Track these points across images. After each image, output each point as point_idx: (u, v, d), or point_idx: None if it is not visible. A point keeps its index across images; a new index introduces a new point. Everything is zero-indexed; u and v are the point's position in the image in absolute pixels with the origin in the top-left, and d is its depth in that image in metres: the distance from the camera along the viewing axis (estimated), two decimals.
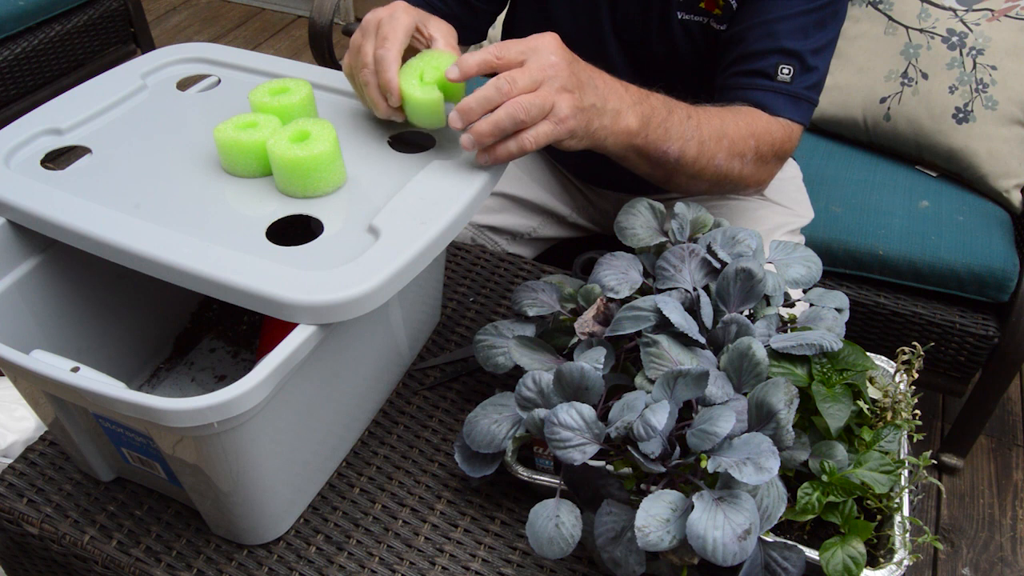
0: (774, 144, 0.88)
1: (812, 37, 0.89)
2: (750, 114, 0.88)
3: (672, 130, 0.79)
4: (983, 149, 1.44)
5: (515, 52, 0.68)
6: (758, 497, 0.59)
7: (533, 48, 0.69)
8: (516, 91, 0.67)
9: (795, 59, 0.88)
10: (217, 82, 0.86)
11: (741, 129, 0.85)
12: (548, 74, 0.68)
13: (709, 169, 0.84)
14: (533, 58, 0.68)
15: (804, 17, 0.88)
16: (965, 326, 1.39)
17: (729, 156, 0.84)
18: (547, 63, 0.68)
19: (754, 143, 0.86)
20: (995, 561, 1.49)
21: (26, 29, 2.13)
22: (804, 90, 0.90)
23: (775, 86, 0.89)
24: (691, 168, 0.82)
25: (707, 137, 0.82)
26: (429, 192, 0.69)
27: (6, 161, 0.72)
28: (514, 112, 0.66)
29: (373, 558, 0.71)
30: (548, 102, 0.68)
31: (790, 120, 0.90)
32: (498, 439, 0.69)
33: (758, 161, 0.88)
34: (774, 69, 0.89)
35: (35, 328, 0.73)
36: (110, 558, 0.71)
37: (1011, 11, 1.43)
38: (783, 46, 0.88)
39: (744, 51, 0.90)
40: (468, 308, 0.95)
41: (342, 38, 1.71)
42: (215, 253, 0.62)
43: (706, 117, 0.83)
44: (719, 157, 0.83)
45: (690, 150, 0.81)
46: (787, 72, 0.88)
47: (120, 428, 0.66)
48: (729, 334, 0.67)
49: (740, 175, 0.87)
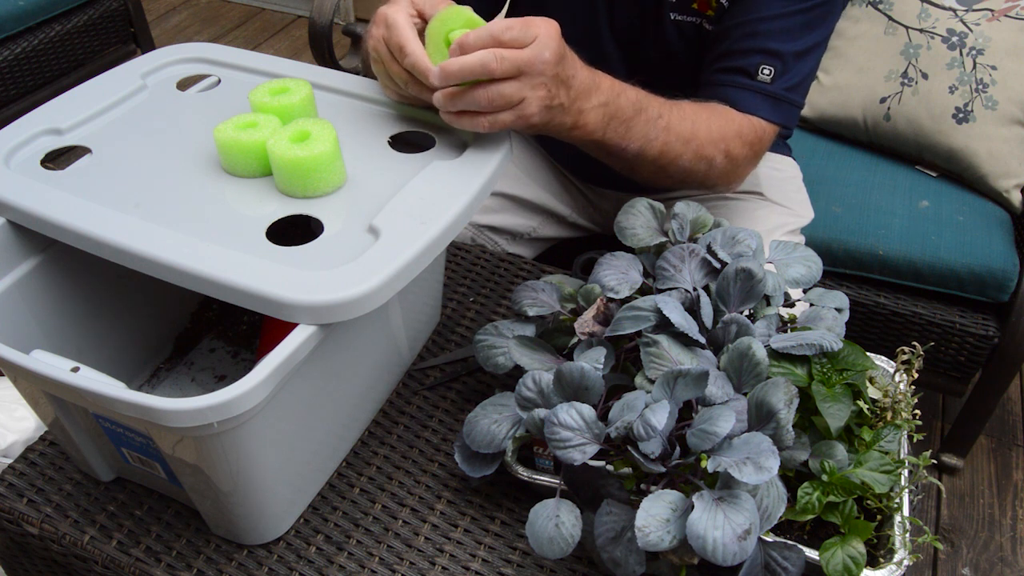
0: (744, 146, 0.89)
1: (798, 39, 0.89)
2: (725, 115, 0.88)
3: (634, 130, 0.81)
4: (983, 149, 1.44)
5: (517, 37, 0.70)
6: (758, 497, 0.59)
7: (535, 37, 0.70)
8: (499, 73, 0.69)
9: (777, 60, 0.89)
10: (217, 82, 0.86)
11: (713, 132, 0.86)
12: (535, 68, 0.70)
13: (672, 167, 0.86)
14: (532, 47, 0.70)
15: (791, 19, 0.88)
16: (965, 326, 1.39)
17: (696, 158, 0.86)
18: (538, 57, 0.70)
19: (724, 146, 0.87)
20: (995, 561, 1.49)
21: (26, 29, 2.13)
22: (784, 91, 0.90)
23: (754, 85, 0.90)
24: (651, 166, 0.85)
25: (674, 139, 0.84)
26: (429, 192, 0.69)
27: (6, 161, 0.72)
28: (484, 98, 0.70)
29: (373, 558, 0.71)
30: (519, 96, 0.70)
31: (766, 120, 0.90)
32: (498, 439, 0.69)
33: (728, 163, 0.89)
34: (755, 68, 0.89)
35: (35, 328, 0.73)
36: (110, 558, 0.71)
37: (1011, 11, 1.43)
38: (766, 46, 0.89)
39: (727, 48, 0.91)
40: (468, 308, 0.95)
41: (342, 38, 1.71)
42: (215, 253, 0.62)
43: (678, 118, 0.84)
44: (684, 158, 0.85)
45: (651, 150, 0.83)
46: (768, 72, 0.89)
47: (120, 428, 0.66)
48: (729, 334, 0.67)
49: (707, 175, 0.89)
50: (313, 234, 0.66)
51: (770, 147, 0.95)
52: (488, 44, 0.69)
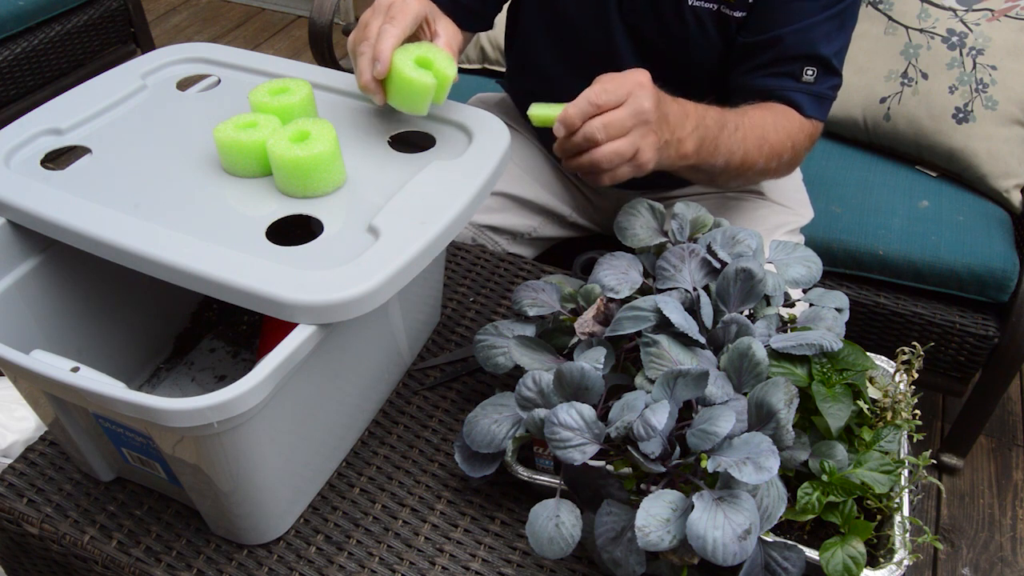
0: (805, 144, 0.95)
1: (835, 40, 0.94)
2: (786, 115, 0.93)
3: (721, 146, 0.84)
4: (983, 149, 1.44)
5: (614, 98, 0.73)
6: (758, 497, 0.59)
7: (629, 92, 0.73)
8: (607, 138, 0.72)
9: (820, 63, 0.93)
10: (217, 82, 0.86)
11: (780, 133, 0.91)
12: (640, 119, 0.73)
13: (751, 172, 0.91)
14: (629, 103, 0.73)
15: (830, 22, 0.92)
16: (965, 326, 1.39)
17: (768, 159, 0.91)
18: (640, 109, 0.73)
19: (791, 145, 0.92)
20: (995, 561, 1.49)
21: (26, 29, 2.13)
22: (827, 90, 0.95)
23: (803, 87, 0.94)
24: (732, 173, 0.89)
25: (751, 147, 0.88)
26: (429, 192, 0.69)
27: (6, 161, 0.72)
28: (599, 160, 0.73)
29: (373, 558, 0.71)
30: (633, 149, 0.73)
31: (815, 119, 0.95)
32: (498, 439, 0.69)
33: (792, 160, 0.94)
34: (800, 71, 0.94)
35: (35, 328, 0.73)
36: (110, 558, 0.71)
37: (1011, 11, 1.43)
38: (810, 52, 0.93)
39: (773, 57, 0.93)
40: (468, 308, 0.95)
41: (342, 38, 1.71)
42: (215, 253, 0.62)
43: (750, 126, 0.89)
44: (759, 162, 0.90)
45: (735, 160, 0.87)
46: (811, 74, 0.93)
47: (120, 428, 0.66)
48: (729, 334, 0.67)
49: (775, 172, 0.95)
50: (313, 234, 0.66)
51: None
52: (589, 112, 0.72)
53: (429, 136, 0.78)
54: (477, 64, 1.80)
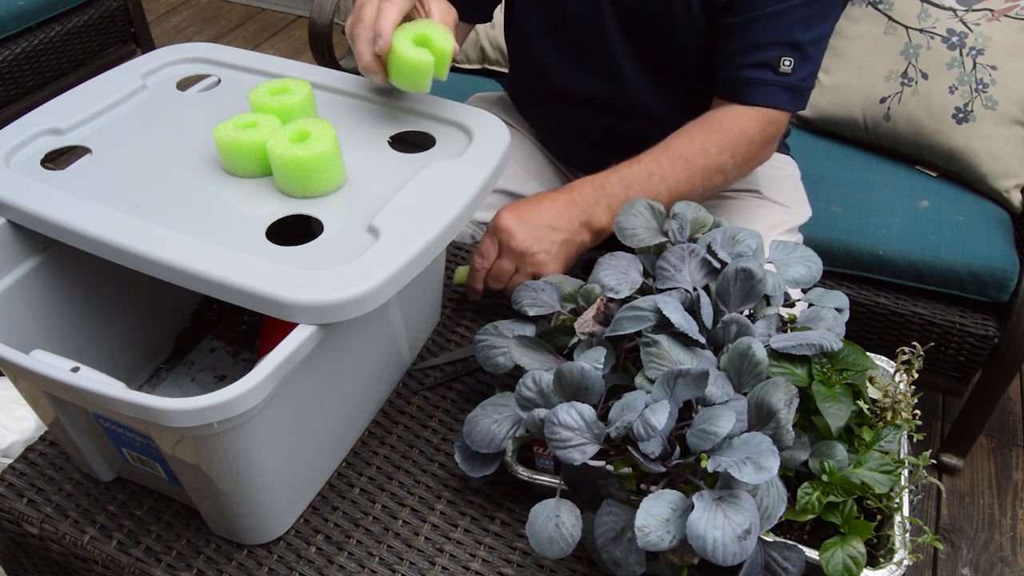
0: (753, 142, 0.94)
1: (814, 28, 0.93)
2: (719, 126, 0.93)
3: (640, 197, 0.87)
4: (983, 149, 1.44)
5: (493, 252, 0.85)
6: (758, 497, 0.59)
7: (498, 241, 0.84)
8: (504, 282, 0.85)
9: (797, 51, 0.92)
10: (217, 82, 0.86)
11: (710, 151, 0.91)
12: (516, 254, 0.83)
13: (692, 196, 0.91)
14: (503, 250, 0.84)
15: (809, 7, 0.91)
16: (965, 326, 1.39)
17: (706, 177, 0.91)
18: (510, 248, 0.83)
19: (730, 155, 0.92)
20: (995, 561, 1.49)
21: (26, 29, 2.13)
22: (801, 81, 0.94)
23: (777, 80, 0.93)
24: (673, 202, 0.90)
25: (673, 184, 0.89)
26: (429, 192, 0.69)
27: (6, 161, 0.72)
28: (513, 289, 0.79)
29: (373, 558, 0.71)
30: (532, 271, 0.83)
31: (783, 109, 0.95)
32: (498, 439, 0.69)
33: (739, 161, 0.94)
34: (777, 61, 0.93)
35: (35, 328, 0.73)
36: (110, 558, 0.71)
37: (1011, 11, 1.43)
38: (786, 38, 0.92)
39: (748, 42, 0.93)
40: (468, 308, 0.95)
41: (342, 38, 1.71)
42: (215, 253, 0.62)
43: (669, 163, 0.89)
44: (697, 186, 0.91)
45: (662, 199, 0.88)
46: (788, 64, 0.93)
47: (120, 428, 0.66)
48: (729, 334, 0.67)
49: (725, 180, 0.94)
50: (313, 234, 0.66)
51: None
52: (481, 273, 0.85)
53: (429, 136, 0.78)
54: (477, 64, 1.80)
